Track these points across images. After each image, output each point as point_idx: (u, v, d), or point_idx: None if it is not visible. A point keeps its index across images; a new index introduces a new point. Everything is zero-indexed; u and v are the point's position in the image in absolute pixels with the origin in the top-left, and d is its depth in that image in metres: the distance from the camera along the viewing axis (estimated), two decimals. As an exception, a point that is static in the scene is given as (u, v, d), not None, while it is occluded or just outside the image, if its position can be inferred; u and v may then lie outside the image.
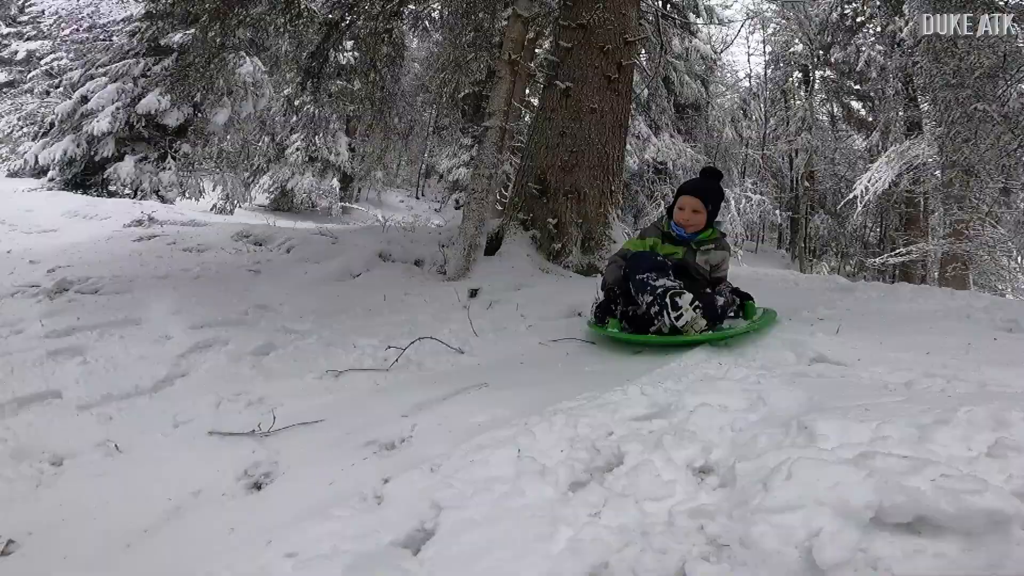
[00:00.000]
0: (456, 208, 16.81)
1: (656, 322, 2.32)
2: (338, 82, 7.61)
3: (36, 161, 10.96)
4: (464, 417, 1.69)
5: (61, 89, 13.95)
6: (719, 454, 1.07)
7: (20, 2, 19.91)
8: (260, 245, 5.28)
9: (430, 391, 1.97)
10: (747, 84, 21.25)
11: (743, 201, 15.81)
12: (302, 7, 5.78)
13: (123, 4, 12.63)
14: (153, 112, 10.97)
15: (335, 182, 16.45)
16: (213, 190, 12.59)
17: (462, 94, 12.79)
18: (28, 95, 16.09)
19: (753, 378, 1.41)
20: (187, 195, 11.66)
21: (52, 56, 16.26)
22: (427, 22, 7.47)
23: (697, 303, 2.19)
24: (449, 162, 16.81)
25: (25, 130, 14.34)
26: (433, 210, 16.68)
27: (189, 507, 1.57)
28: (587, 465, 1.12)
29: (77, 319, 2.97)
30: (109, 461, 1.90)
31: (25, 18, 18.71)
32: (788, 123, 18.44)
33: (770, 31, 18.81)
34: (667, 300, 2.18)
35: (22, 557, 1.45)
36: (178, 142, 11.73)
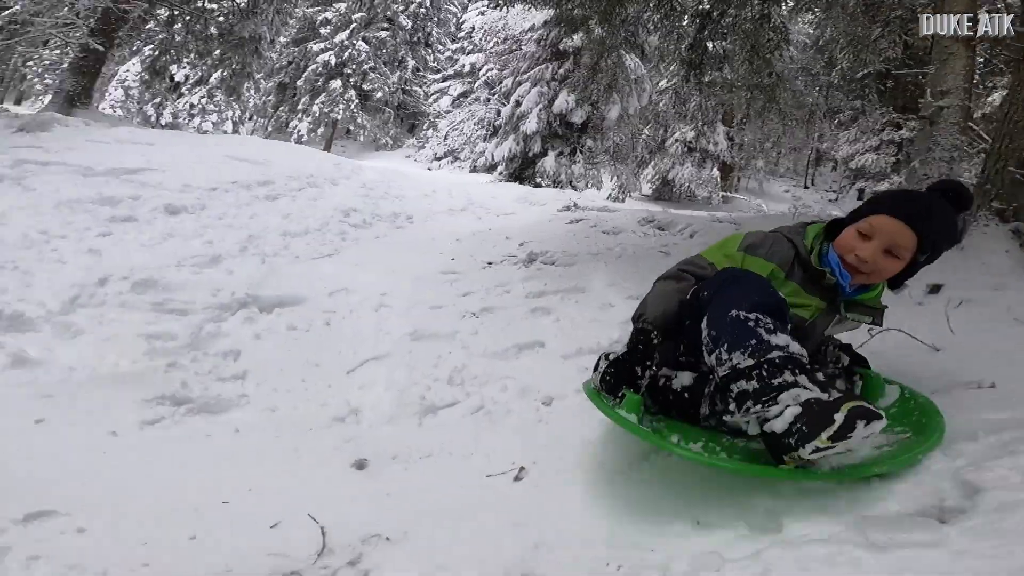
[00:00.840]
0: (858, 199, 14.61)
1: (731, 413, 1.26)
2: (714, 73, 7.58)
3: (492, 158, 14.42)
4: (976, 410, 1.50)
5: (497, 96, 17.20)
6: None
7: (456, 20, 25.56)
8: (663, 230, 5.69)
9: (912, 383, 1.77)
10: None
11: None
12: (674, 2, 5.89)
13: (524, 15, 14.47)
14: (563, 111, 12.98)
15: (715, 171, 16.38)
16: (610, 180, 14.19)
17: (860, 73, 11.19)
18: (477, 103, 19.83)
19: None
20: (589, 185, 13.48)
21: (486, 67, 19.30)
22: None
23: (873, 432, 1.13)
24: (851, 148, 14.59)
25: (479, 132, 18.63)
26: (828, 200, 14.81)
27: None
28: None
29: (544, 284, 3.68)
30: (585, 405, 2.18)
31: (462, 34, 23.73)
32: None
33: None
34: (832, 407, 1.12)
35: (531, 482, 1.70)
36: (583, 137, 13.60)
